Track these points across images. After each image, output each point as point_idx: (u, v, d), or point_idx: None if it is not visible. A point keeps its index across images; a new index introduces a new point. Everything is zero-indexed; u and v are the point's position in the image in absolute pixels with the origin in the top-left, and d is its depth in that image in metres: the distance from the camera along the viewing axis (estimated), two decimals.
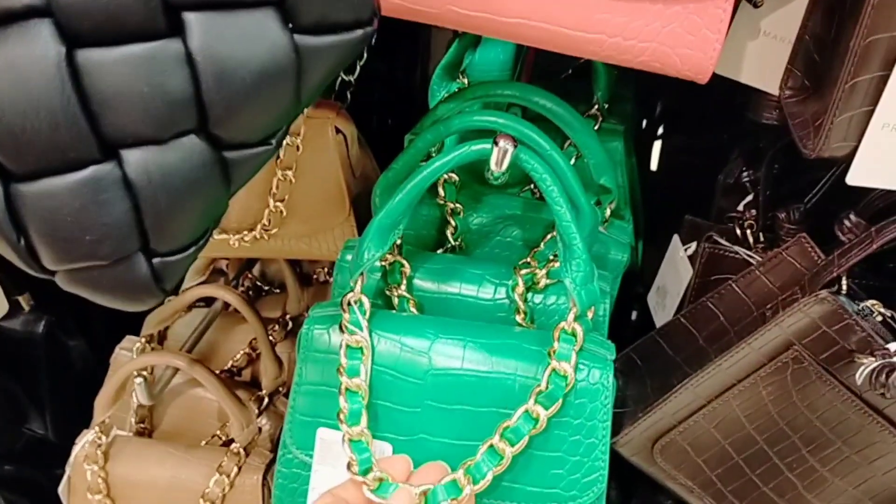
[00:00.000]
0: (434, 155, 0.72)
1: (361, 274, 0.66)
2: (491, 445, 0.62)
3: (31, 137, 0.43)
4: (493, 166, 0.62)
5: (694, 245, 0.82)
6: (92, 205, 0.46)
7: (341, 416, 0.62)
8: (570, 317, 0.64)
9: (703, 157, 0.95)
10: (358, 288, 0.65)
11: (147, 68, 0.44)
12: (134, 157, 0.46)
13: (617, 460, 0.80)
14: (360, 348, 0.64)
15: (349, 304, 0.65)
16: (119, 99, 0.44)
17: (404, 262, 0.70)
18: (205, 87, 0.45)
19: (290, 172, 0.77)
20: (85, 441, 0.88)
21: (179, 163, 0.46)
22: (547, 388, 0.62)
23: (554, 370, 0.62)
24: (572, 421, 0.63)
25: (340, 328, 0.64)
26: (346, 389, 0.63)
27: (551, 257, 0.70)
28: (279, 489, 0.69)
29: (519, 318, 0.69)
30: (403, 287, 0.70)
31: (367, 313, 0.65)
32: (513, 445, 0.62)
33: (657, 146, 1.13)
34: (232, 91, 0.45)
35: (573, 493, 0.64)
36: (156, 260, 0.49)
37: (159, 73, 0.44)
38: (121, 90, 0.44)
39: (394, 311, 0.69)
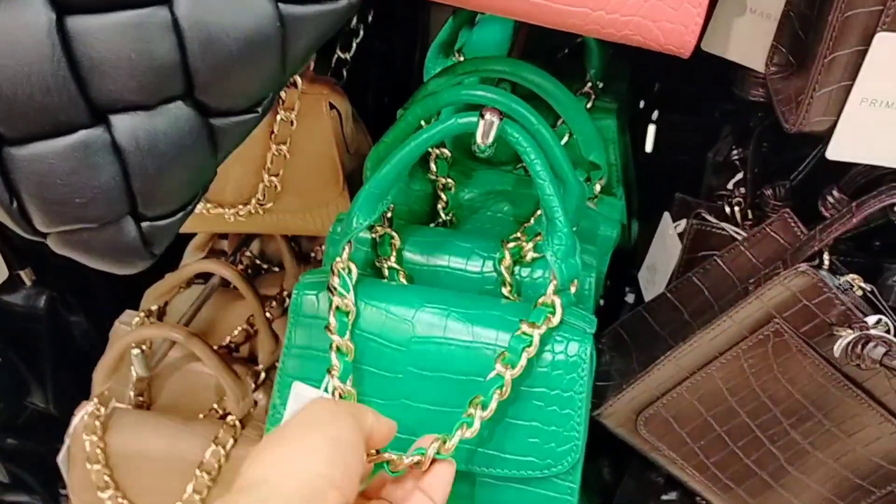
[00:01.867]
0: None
1: (349, 241, 0.67)
2: (470, 414, 0.63)
3: (22, 102, 0.45)
4: (479, 139, 0.63)
5: (683, 222, 0.83)
6: (82, 168, 0.47)
7: (333, 372, 0.64)
8: (550, 289, 0.65)
9: (697, 135, 0.96)
10: (346, 255, 0.67)
11: (135, 35, 0.45)
12: (122, 122, 0.47)
13: (609, 438, 0.81)
14: (347, 312, 0.66)
15: (337, 270, 0.66)
16: (108, 65, 0.46)
17: (394, 234, 0.72)
18: (191, 54, 0.46)
19: (284, 147, 0.78)
20: (84, 412, 0.90)
21: (167, 128, 0.48)
22: (509, 347, 0.63)
23: (522, 333, 0.63)
24: (549, 392, 0.64)
25: (329, 290, 0.66)
26: (337, 348, 0.65)
27: (539, 232, 0.71)
28: None
29: (505, 291, 0.70)
30: (393, 259, 0.71)
31: (355, 279, 0.66)
32: (484, 409, 0.62)
33: (652, 129, 1.14)
34: (217, 58, 0.47)
35: (548, 461, 0.65)
36: (144, 224, 0.50)
37: (147, 40, 0.46)
38: (109, 56, 0.45)
39: (380, 280, 0.71)
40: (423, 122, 0.71)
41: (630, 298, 1.12)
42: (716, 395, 0.70)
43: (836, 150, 0.62)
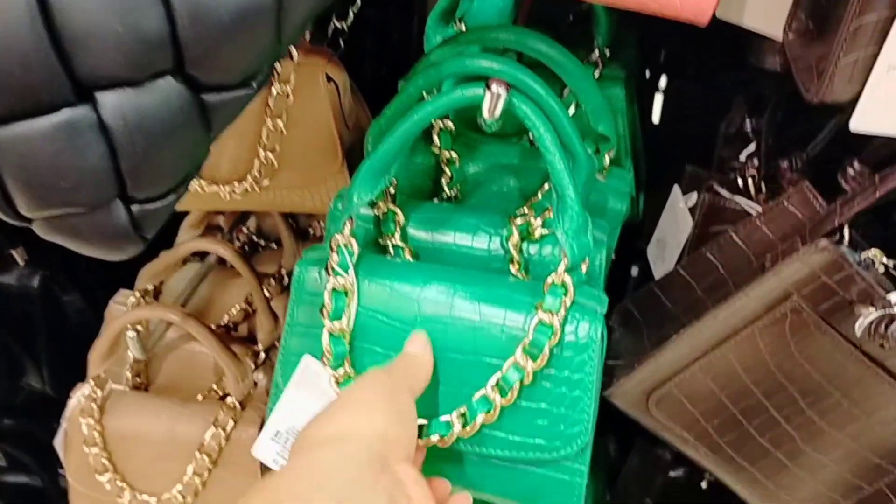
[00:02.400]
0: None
1: (350, 217, 0.65)
2: (484, 395, 0.62)
3: (1, 79, 0.42)
4: (485, 112, 0.60)
5: (694, 196, 0.81)
6: (67, 149, 0.44)
7: (324, 360, 0.62)
8: (561, 268, 0.63)
9: (706, 105, 0.93)
10: (347, 231, 0.65)
11: (121, 5, 0.42)
12: (109, 100, 0.44)
13: (615, 414, 0.80)
14: (345, 292, 0.64)
15: (337, 246, 0.64)
16: (92, 38, 0.43)
17: (398, 210, 0.69)
18: (180, 26, 0.43)
19: (280, 122, 0.76)
20: (80, 395, 0.88)
21: (156, 105, 0.45)
22: (532, 339, 0.62)
23: (541, 321, 0.61)
24: (559, 374, 0.62)
25: (327, 270, 0.64)
26: (329, 333, 0.63)
27: (548, 207, 0.69)
28: None
29: (513, 269, 0.68)
30: (398, 236, 0.69)
31: (356, 256, 0.65)
32: (503, 396, 0.61)
33: (659, 98, 1.11)
34: (208, 30, 0.44)
35: (556, 444, 0.63)
36: (135, 207, 0.48)
37: (133, 11, 0.42)
38: (94, 29, 0.42)
39: (384, 256, 0.69)
40: (425, 94, 0.68)
41: (635, 272, 1.10)
42: (730, 374, 0.68)
43: (861, 122, 0.60)
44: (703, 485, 0.88)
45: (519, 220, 0.68)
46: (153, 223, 0.50)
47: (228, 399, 0.87)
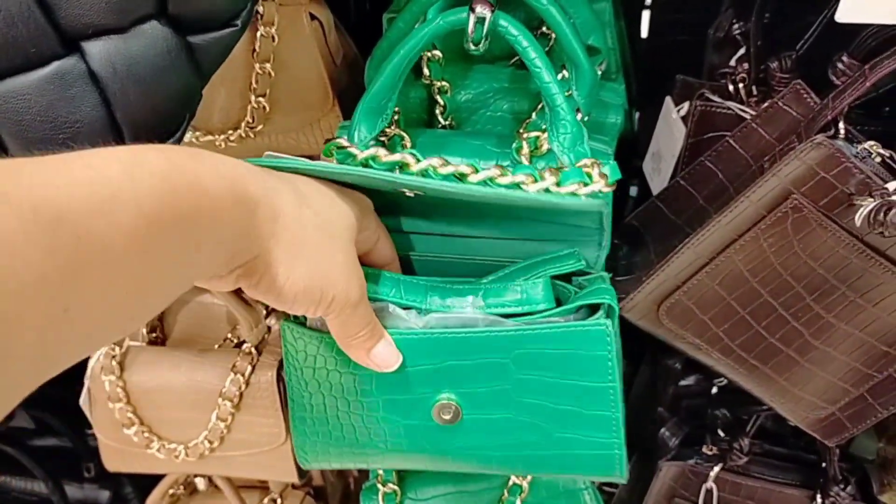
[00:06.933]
0: None
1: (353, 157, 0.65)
2: None
3: None
4: (470, 34, 0.60)
5: (686, 105, 0.80)
6: (60, 101, 0.44)
7: None
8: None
9: (694, 12, 0.92)
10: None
11: None
12: (96, 49, 0.44)
13: (624, 330, 0.81)
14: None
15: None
16: None
17: (404, 134, 0.69)
18: None
19: (268, 65, 0.75)
20: (99, 353, 0.89)
21: (143, 51, 0.45)
22: None
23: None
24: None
25: None
26: None
27: (544, 127, 0.69)
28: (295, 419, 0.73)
29: None
30: None
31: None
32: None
33: (647, 14, 1.09)
34: None
35: None
36: None
37: None
38: None
39: None
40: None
41: (633, 192, 1.10)
42: (737, 277, 0.69)
43: (846, 12, 0.59)
44: (714, 390, 0.90)
45: (526, 134, 0.68)
46: None
47: (244, 346, 0.88)
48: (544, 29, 0.73)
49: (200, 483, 1.05)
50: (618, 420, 0.65)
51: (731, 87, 0.78)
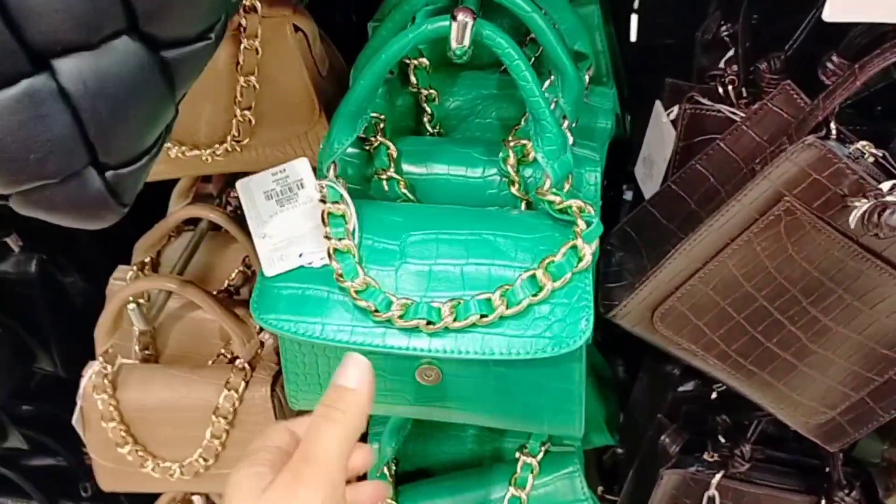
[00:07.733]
0: None
1: (333, 162, 0.65)
2: (532, 275, 0.63)
3: None
4: (452, 42, 0.59)
5: (676, 108, 0.79)
6: (31, 121, 0.44)
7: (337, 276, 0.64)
8: (546, 186, 0.63)
9: (682, 15, 0.91)
10: (332, 174, 0.66)
11: None
12: (66, 66, 0.43)
13: (622, 337, 0.80)
14: (343, 215, 0.65)
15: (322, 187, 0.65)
16: (41, 5, 0.42)
17: (390, 143, 0.69)
18: None
19: (252, 78, 0.74)
20: (91, 372, 0.89)
21: (115, 67, 0.44)
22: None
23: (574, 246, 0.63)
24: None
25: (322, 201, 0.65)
26: (335, 250, 0.64)
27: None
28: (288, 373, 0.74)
29: (514, 190, 0.68)
30: (392, 170, 0.69)
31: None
32: (554, 280, 0.62)
33: (635, 18, 1.08)
34: None
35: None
36: (108, 173, 0.47)
37: None
38: None
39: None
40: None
41: (629, 196, 1.09)
42: (731, 282, 0.68)
43: (833, 11, 0.58)
44: (713, 396, 0.88)
45: (513, 143, 0.68)
46: (130, 188, 0.49)
47: (238, 361, 0.87)
48: (533, 35, 0.73)
49: (197, 501, 1.04)
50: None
51: (720, 90, 0.77)
